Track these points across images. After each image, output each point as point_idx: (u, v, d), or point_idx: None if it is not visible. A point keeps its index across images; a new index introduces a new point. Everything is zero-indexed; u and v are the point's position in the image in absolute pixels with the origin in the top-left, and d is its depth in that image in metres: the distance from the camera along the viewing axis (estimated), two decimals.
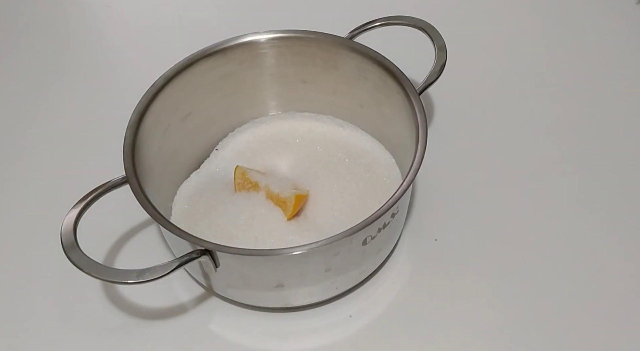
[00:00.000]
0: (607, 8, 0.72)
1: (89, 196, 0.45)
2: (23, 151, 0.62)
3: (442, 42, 0.53)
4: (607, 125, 0.61)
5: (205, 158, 0.57)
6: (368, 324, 0.49)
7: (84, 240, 0.43)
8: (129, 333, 0.49)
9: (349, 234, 0.42)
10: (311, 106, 0.59)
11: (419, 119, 0.47)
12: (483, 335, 0.48)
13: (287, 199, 0.50)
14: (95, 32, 0.74)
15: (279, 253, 0.42)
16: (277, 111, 0.59)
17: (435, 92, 0.63)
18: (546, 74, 0.66)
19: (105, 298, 0.51)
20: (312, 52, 0.55)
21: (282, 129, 0.58)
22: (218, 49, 0.53)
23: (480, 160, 0.58)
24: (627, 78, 0.65)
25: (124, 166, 0.46)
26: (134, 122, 0.48)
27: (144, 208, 0.44)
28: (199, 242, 0.42)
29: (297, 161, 0.55)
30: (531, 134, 0.60)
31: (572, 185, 0.56)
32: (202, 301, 0.51)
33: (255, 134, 0.57)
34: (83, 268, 0.41)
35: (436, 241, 0.53)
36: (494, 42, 0.69)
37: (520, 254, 0.52)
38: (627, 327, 0.48)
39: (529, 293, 0.50)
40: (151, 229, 0.54)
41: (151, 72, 0.51)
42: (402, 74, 0.50)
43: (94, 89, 0.67)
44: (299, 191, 0.51)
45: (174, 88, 0.52)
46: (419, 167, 0.45)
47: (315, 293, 0.48)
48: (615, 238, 0.53)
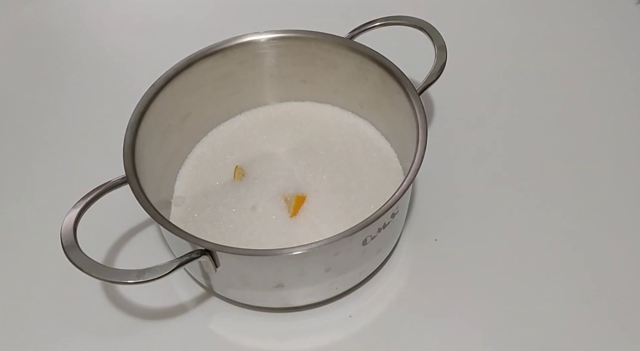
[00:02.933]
0: (607, 8, 0.72)
1: (89, 196, 0.45)
2: (23, 151, 0.62)
3: (442, 42, 0.53)
4: (607, 125, 0.61)
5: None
6: (368, 324, 0.49)
7: (84, 240, 0.43)
8: (129, 333, 0.49)
9: (349, 234, 0.42)
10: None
11: (419, 119, 0.47)
12: (483, 334, 0.48)
13: (287, 199, 0.50)
14: (95, 32, 0.74)
15: (279, 253, 0.42)
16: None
17: (435, 92, 0.63)
18: (546, 74, 0.66)
19: (105, 298, 0.51)
20: (312, 52, 0.55)
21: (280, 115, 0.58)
22: (218, 49, 0.53)
23: (480, 160, 0.58)
24: (627, 78, 0.65)
25: (124, 166, 0.46)
26: (134, 122, 0.48)
27: (144, 208, 0.44)
28: (199, 242, 0.42)
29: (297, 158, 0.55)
30: (531, 134, 0.60)
31: (572, 185, 0.56)
32: (202, 301, 0.51)
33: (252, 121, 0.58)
34: (83, 268, 0.41)
35: (436, 241, 0.53)
36: (494, 42, 0.69)
37: (520, 254, 0.52)
38: (627, 327, 0.48)
39: (529, 293, 0.50)
40: (151, 229, 0.54)
41: (151, 72, 0.51)
42: (402, 74, 0.50)
43: (94, 89, 0.67)
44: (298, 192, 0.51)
45: (174, 88, 0.52)
46: (419, 167, 0.45)
47: (315, 293, 0.48)
48: (616, 238, 0.53)
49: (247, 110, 0.59)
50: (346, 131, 0.57)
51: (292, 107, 0.59)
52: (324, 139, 0.56)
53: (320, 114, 0.58)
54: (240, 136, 0.57)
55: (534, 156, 0.58)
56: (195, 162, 0.56)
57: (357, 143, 0.56)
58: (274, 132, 0.57)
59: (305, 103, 0.59)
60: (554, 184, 0.56)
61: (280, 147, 0.56)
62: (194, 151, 0.56)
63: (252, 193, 0.52)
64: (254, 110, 0.59)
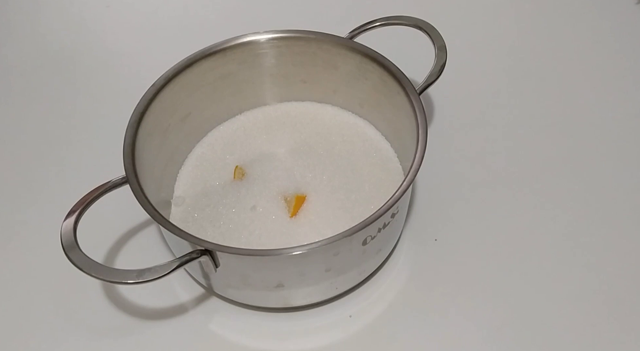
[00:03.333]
0: (607, 8, 0.72)
1: (89, 196, 0.45)
2: (23, 151, 0.62)
3: (442, 42, 0.53)
4: (607, 125, 0.61)
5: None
6: (368, 324, 0.49)
7: (84, 240, 0.43)
8: (129, 333, 0.49)
9: (349, 234, 0.42)
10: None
11: (419, 119, 0.47)
12: (483, 334, 0.48)
13: (287, 199, 0.50)
14: (95, 32, 0.74)
15: (279, 253, 0.42)
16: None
17: (435, 92, 0.63)
18: (546, 74, 0.66)
19: (105, 298, 0.51)
20: (312, 52, 0.55)
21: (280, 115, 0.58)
22: (218, 49, 0.53)
23: (480, 160, 0.58)
24: (627, 78, 0.65)
25: (124, 166, 0.46)
26: (134, 122, 0.48)
27: (144, 208, 0.44)
28: (199, 242, 0.42)
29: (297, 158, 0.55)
30: (531, 134, 0.60)
31: (572, 185, 0.56)
32: (202, 301, 0.51)
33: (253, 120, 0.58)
34: (83, 268, 0.41)
35: (436, 241, 0.53)
36: (494, 42, 0.69)
37: (520, 254, 0.52)
38: (627, 327, 0.48)
39: (529, 293, 0.50)
40: (151, 229, 0.54)
41: (151, 72, 0.51)
42: (402, 74, 0.50)
43: (94, 89, 0.67)
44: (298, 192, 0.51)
45: (174, 88, 0.52)
46: (419, 167, 0.45)
47: (315, 293, 0.48)
48: (616, 238, 0.53)
49: (247, 110, 0.59)
50: (346, 131, 0.57)
51: (292, 107, 0.59)
52: (324, 139, 0.56)
53: (320, 114, 0.58)
54: (240, 136, 0.57)
55: (534, 156, 0.58)
56: (195, 162, 0.56)
57: (357, 143, 0.56)
58: (274, 132, 0.57)
59: (305, 103, 0.59)
60: (553, 184, 0.56)
61: (280, 147, 0.56)
62: (194, 151, 0.56)
63: (252, 193, 0.52)
64: (254, 110, 0.59)
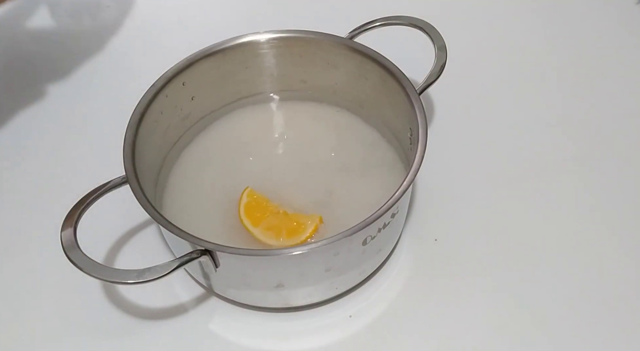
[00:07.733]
0: (607, 8, 0.72)
1: (89, 197, 0.45)
2: (23, 151, 0.62)
3: (442, 42, 0.53)
4: (607, 125, 0.61)
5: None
6: (368, 324, 0.49)
7: (84, 240, 0.43)
8: (129, 333, 0.49)
9: (349, 234, 0.42)
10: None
11: (419, 119, 0.47)
12: (483, 334, 0.48)
13: (304, 225, 0.49)
14: (95, 33, 0.74)
15: (279, 253, 0.42)
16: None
17: (435, 92, 0.63)
18: (546, 74, 0.66)
19: (105, 298, 0.51)
20: (312, 52, 0.55)
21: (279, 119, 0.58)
22: (218, 49, 0.53)
23: (481, 160, 0.58)
24: (627, 78, 0.65)
25: (124, 166, 0.46)
26: (134, 122, 0.48)
27: (144, 208, 0.44)
28: (199, 242, 0.42)
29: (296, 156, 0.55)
30: (531, 134, 0.60)
31: (572, 185, 0.56)
32: (202, 301, 0.51)
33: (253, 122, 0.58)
34: (83, 268, 0.41)
35: (436, 241, 0.53)
36: (494, 42, 0.69)
37: (520, 254, 0.52)
38: (627, 327, 0.48)
39: (528, 293, 0.50)
40: (151, 229, 0.54)
41: (151, 72, 0.51)
42: (402, 74, 0.50)
43: (94, 89, 0.67)
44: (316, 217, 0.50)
45: (174, 88, 0.52)
46: (419, 167, 0.45)
47: (315, 293, 0.48)
48: (617, 238, 0.53)
49: (247, 110, 0.59)
50: (346, 131, 0.57)
51: (292, 107, 0.59)
52: (324, 139, 0.56)
53: (320, 114, 0.58)
54: (240, 135, 0.57)
55: (534, 156, 0.58)
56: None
57: (356, 143, 0.56)
58: (274, 132, 0.57)
59: (305, 103, 0.59)
60: (554, 184, 0.56)
61: (280, 147, 0.56)
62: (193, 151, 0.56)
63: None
64: (254, 110, 0.59)
